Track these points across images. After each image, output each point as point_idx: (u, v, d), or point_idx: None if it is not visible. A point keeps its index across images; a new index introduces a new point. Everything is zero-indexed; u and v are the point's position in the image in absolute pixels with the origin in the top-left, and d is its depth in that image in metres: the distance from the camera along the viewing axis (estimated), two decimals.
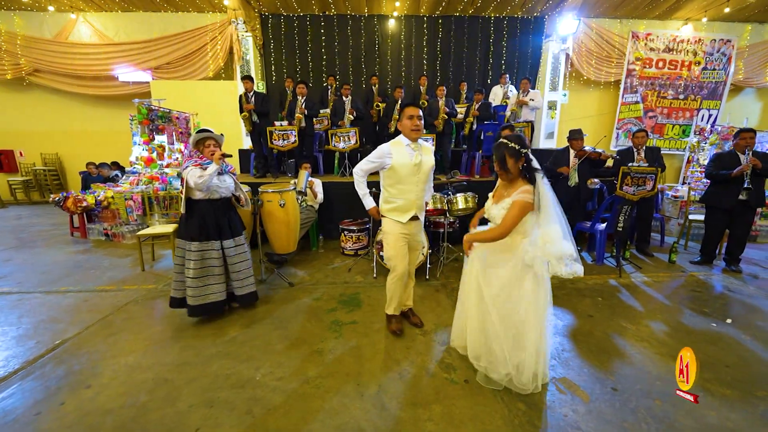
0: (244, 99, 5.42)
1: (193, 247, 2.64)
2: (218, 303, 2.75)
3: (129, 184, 5.44)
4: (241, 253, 2.84)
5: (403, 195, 2.38)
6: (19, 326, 2.76)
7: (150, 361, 2.30)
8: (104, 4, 7.59)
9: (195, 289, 2.65)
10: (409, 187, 2.37)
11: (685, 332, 2.66)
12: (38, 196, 8.76)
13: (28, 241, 5.18)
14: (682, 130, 8.29)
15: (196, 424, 1.77)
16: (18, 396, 1.99)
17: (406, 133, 2.35)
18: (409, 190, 2.37)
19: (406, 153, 2.33)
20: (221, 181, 2.72)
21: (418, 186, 2.39)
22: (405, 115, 2.32)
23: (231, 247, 2.76)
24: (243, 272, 2.85)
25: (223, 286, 2.77)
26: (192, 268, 2.63)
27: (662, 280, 3.68)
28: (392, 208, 2.41)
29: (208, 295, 2.71)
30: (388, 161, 2.32)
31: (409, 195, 2.38)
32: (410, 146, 2.35)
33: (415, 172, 2.35)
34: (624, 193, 3.86)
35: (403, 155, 2.33)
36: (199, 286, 2.66)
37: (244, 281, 2.86)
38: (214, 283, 2.72)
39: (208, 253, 2.69)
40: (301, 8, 7.72)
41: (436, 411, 1.84)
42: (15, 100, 8.31)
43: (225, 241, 2.74)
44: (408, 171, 2.33)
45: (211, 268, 2.70)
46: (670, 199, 5.66)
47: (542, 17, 8.12)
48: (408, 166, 2.32)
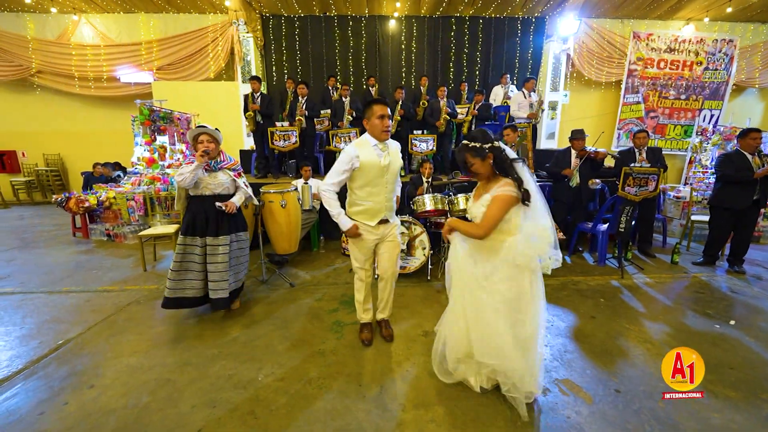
0: (250, 99, 5.43)
1: (179, 240, 2.67)
2: (192, 299, 2.73)
3: (131, 184, 5.45)
4: (221, 254, 2.68)
5: (371, 197, 2.24)
6: (23, 326, 2.76)
7: (152, 361, 2.30)
8: (106, 6, 7.61)
9: (173, 282, 2.67)
10: (378, 189, 2.23)
11: (688, 333, 2.65)
12: (40, 196, 8.78)
13: (31, 242, 5.20)
14: (684, 130, 8.27)
15: (199, 424, 1.77)
16: (22, 396, 1.99)
17: (375, 133, 2.17)
18: (378, 192, 2.24)
19: (375, 153, 2.18)
20: (211, 177, 2.70)
21: (387, 187, 2.26)
22: (375, 114, 2.13)
23: (212, 245, 2.68)
24: (217, 274, 2.68)
25: (201, 284, 2.73)
26: (174, 260, 2.67)
27: (665, 281, 3.67)
28: (360, 210, 2.26)
29: (184, 289, 2.70)
30: (356, 163, 2.16)
31: (378, 197, 2.25)
32: (378, 146, 2.19)
33: (383, 173, 2.22)
34: (626, 193, 3.85)
35: (371, 155, 2.17)
36: (176, 279, 2.67)
37: (218, 284, 2.68)
38: (192, 279, 2.71)
39: (191, 248, 2.69)
40: (301, 9, 7.73)
41: (438, 412, 1.84)
42: (18, 101, 8.35)
43: (208, 238, 2.68)
44: (377, 172, 2.19)
45: (191, 263, 2.70)
46: (672, 200, 5.64)
47: (543, 18, 8.12)
48: (377, 167, 2.18)
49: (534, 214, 1.74)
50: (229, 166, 2.81)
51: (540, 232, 1.72)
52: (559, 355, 2.35)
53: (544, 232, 1.72)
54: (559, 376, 2.14)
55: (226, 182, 2.77)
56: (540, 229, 1.72)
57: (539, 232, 1.72)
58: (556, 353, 2.38)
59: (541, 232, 1.72)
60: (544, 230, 1.72)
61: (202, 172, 2.66)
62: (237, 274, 2.88)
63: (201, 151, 2.58)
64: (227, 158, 2.84)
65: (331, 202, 2.20)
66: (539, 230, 1.72)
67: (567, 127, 7.78)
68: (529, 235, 1.72)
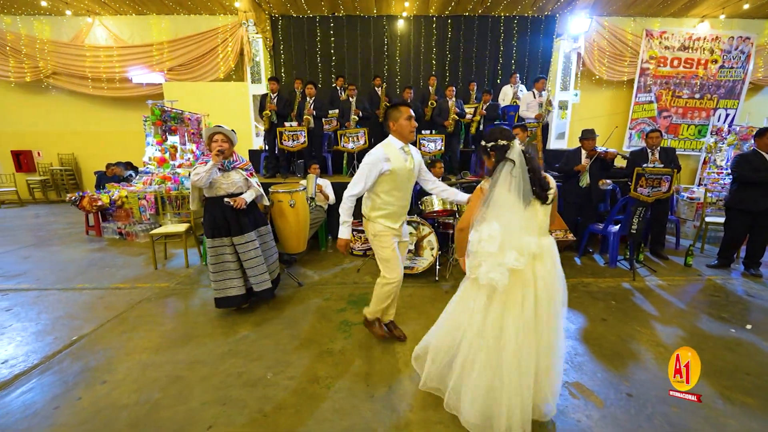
0: (268, 99, 5.48)
1: (208, 243, 2.76)
2: (237, 297, 2.82)
3: (142, 183, 5.54)
4: (252, 250, 2.82)
5: (397, 201, 2.22)
6: (38, 322, 2.83)
7: (163, 358, 2.33)
8: (119, 8, 7.74)
9: (216, 282, 2.81)
10: (404, 193, 2.24)
11: (703, 337, 2.59)
12: (55, 195, 8.97)
13: (46, 239, 5.31)
14: (698, 130, 8.10)
15: (209, 421, 1.79)
16: (37, 390, 2.04)
17: (403, 134, 2.15)
18: (403, 196, 2.24)
19: (401, 157, 2.15)
20: (225, 177, 2.74)
21: (410, 191, 2.30)
22: (403, 115, 2.12)
23: (241, 244, 2.79)
24: (256, 268, 2.85)
25: (241, 281, 2.83)
26: (211, 263, 2.78)
27: (678, 284, 3.60)
28: (385, 214, 2.22)
29: (228, 288, 2.81)
30: (387, 166, 2.10)
31: (403, 201, 2.25)
32: (403, 149, 2.18)
33: (410, 177, 2.23)
34: (638, 194, 3.78)
35: (399, 159, 2.14)
36: (219, 280, 2.80)
37: (259, 277, 2.86)
38: (232, 278, 2.80)
39: (221, 249, 2.77)
40: (310, 9, 7.77)
41: (446, 414, 1.82)
42: (34, 102, 8.54)
43: (234, 237, 2.77)
44: (405, 176, 2.18)
45: (226, 263, 2.79)
46: (685, 201, 5.53)
47: (553, 16, 8.03)
48: (405, 170, 2.17)
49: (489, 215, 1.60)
50: (241, 166, 2.86)
51: (479, 234, 1.59)
52: (569, 358, 2.32)
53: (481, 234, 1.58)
54: (569, 379, 2.11)
55: (239, 181, 2.82)
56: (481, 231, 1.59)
57: (478, 235, 1.60)
58: (566, 356, 2.34)
59: (479, 234, 1.59)
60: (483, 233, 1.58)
61: (216, 172, 2.71)
62: (271, 264, 3.01)
63: (216, 150, 2.63)
64: (239, 158, 2.89)
65: (348, 210, 2.16)
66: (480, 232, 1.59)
67: (577, 126, 7.69)
68: (477, 235, 1.61)
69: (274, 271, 3.07)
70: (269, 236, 3.08)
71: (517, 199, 1.59)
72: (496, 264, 1.55)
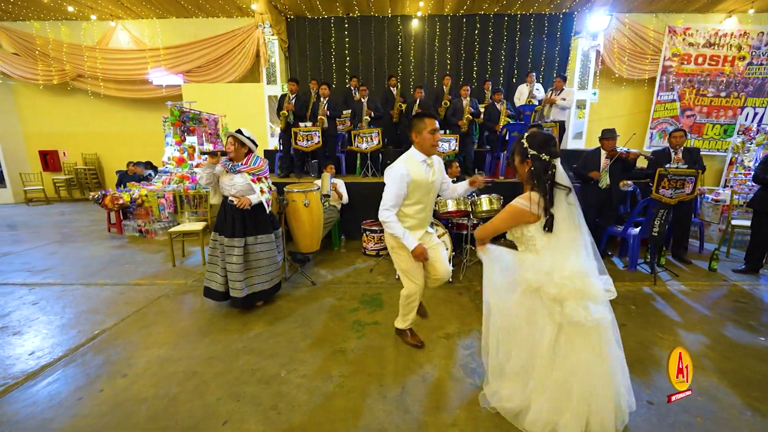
0: (286, 99, 5.55)
1: (212, 235, 2.89)
2: (216, 292, 2.89)
3: (161, 182, 5.69)
4: (235, 255, 2.77)
5: (419, 213, 2.19)
6: (63, 316, 2.93)
7: (180, 353, 2.38)
8: (141, 12, 7.97)
9: (207, 272, 2.95)
10: (425, 205, 2.20)
11: (729, 346, 2.49)
12: (79, 193, 9.31)
13: (70, 236, 5.51)
14: (724, 129, 7.78)
15: (224, 417, 1.82)
16: (62, 381, 2.11)
17: (425, 147, 2.09)
18: (424, 209, 2.20)
19: (423, 170, 2.10)
20: (229, 179, 2.80)
21: (431, 202, 2.25)
22: (427, 127, 2.05)
23: (226, 246, 2.80)
24: (232, 274, 2.79)
25: (223, 279, 2.86)
26: (208, 252, 2.92)
27: (702, 289, 3.47)
28: (406, 226, 2.18)
29: (210, 281, 2.91)
30: (407, 179, 2.08)
31: (424, 213, 2.22)
32: (425, 162, 2.12)
33: (430, 190, 2.19)
34: (660, 196, 3.66)
35: (420, 173, 2.09)
36: (208, 270, 2.95)
37: (234, 283, 2.79)
38: (216, 272, 2.89)
39: (215, 243, 2.89)
40: (325, 11, 7.82)
41: (460, 417, 1.81)
42: (60, 104, 8.88)
43: (226, 238, 2.80)
44: (425, 189, 2.14)
45: (215, 257, 2.89)
46: (710, 203, 5.33)
47: (571, 14, 7.86)
48: (425, 184, 2.12)
49: (558, 245, 1.58)
50: (248, 170, 2.79)
51: (560, 270, 1.54)
52: None
53: (563, 271, 1.53)
54: None
55: (240, 185, 2.79)
56: (560, 266, 1.55)
57: (560, 270, 1.54)
58: None
59: (560, 270, 1.54)
60: (572, 270, 1.53)
61: (224, 173, 2.80)
62: (261, 276, 2.92)
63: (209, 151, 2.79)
64: (250, 163, 2.83)
65: (394, 226, 2.11)
66: (560, 267, 1.54)
67: (595, 126, 7.52)
68: (548, 268, 1.57)
69: (263, 282, 2.93)
70: (271, 245, 2.97)
71: (574, 227, 1.59)
72: (581, 299, 1.52)
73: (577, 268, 1.53)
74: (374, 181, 5.24)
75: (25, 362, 2.30)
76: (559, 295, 1.54)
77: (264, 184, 2.91)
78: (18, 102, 8.91)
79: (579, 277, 1.52)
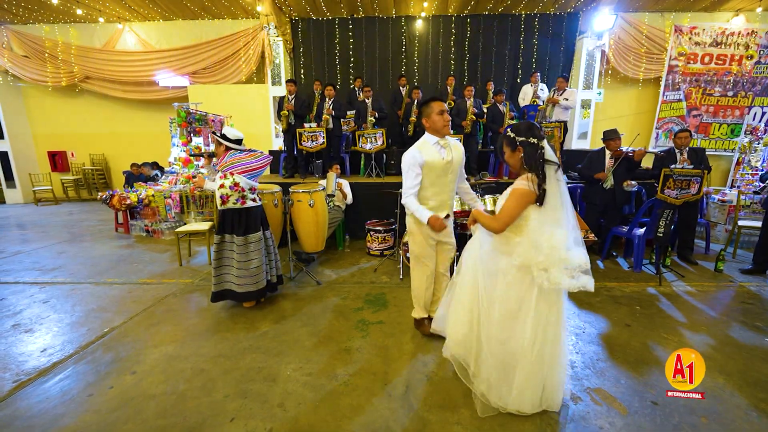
0: (285, 100, 5.59)
1: None
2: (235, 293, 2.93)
3: (168, 183, 5.75)
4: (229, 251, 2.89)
5: (436, 196, 2.28)
6: (73, 314, 2.99)
7: (188, 351, 2.42)
8: (147, 14, 8.07)
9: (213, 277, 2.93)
10: (442, 187, 2.28)
11: (735, 347, 2.48)
12: (87, 193, 9.43)
13: (79, 236, 5.59)
14: (731, 129, 7.71)
15: (231, 413, 1.85)
16: (73, 378, 2.15)
17: (437, 128, 2.19)
18: (441, 191, 2.28)
19: (436, 151, 2.21)
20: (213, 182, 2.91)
21: (450, 185, 2.31)
22: (434, 110, 2.17)
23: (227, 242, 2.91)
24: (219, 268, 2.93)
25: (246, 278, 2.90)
26: None
27: (708, 290, 3.45)
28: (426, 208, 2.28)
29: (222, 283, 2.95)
30: (421, 160, 2.19)
31: (442, 195, 2.29)
32: (438, 143, 2.22)
33: (446, 171, 2.25)
34: (665, 196, 3.65)
35: (433, 154, 2.20)
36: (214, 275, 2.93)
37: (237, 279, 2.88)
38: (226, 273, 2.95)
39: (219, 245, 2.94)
40: (330, 11, 7.86)
41: (464, 415, 1.82)
42: (68, 105, 9.01)
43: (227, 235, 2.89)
44: (440, 171, 2.22)
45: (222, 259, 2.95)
46: (716, 204, 5.29)
47: (576, 13, 7.84)
48: (440, 165, 2.21)
49: (545, 217, 1.64)
50: (219, 167, 2.86)
51: (547, 239, 1.59)
52: (591, 363, 2.27)
53: (551, 240, 1.59)
54: (591, 385, 2.06)
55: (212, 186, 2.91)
56: (547, 236, 1.60)
57: (547, 240, 1.59)
58: (588, 361, 2.29)
59: (548, 239, 1.59)
60: (552, 239, 1.59)
61: None
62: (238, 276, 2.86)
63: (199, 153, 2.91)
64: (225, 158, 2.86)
65: (411, 202, 2.22)
66: (546, 237, 1.60)
67: (600, 126, 7.49)
68: (535, 240, 1.63)
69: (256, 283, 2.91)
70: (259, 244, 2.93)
71: (560, 202, 1.66)
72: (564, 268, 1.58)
73: (562, 239, 1.59)
74: (378, 182, 5.26)
75: (37, 359, 2.35)
76: (545, 262, 1.60)
77: (228, 180, 2.79)
78: (27, 104, 9.06)
79: (564, 248, 1.58)
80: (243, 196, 2.84)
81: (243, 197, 2.84)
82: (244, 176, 2.83)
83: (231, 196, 2.81)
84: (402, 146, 6.42)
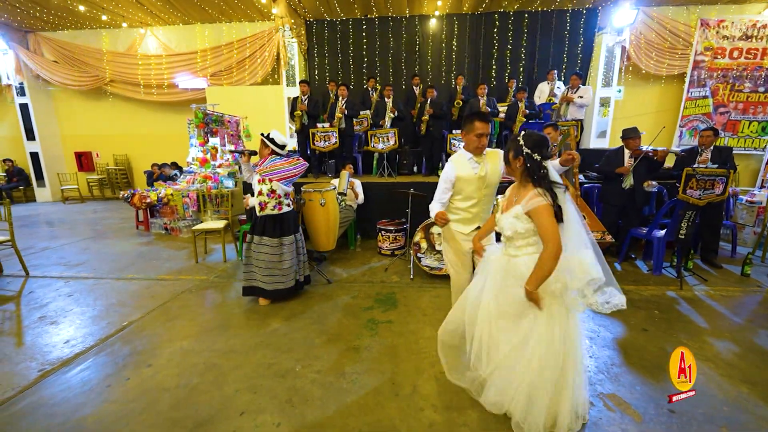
0: (299, 100, 5.67)
1: None
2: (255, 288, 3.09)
3: (186, 182, 5.91)
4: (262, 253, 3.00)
5: (471, 208, 2.25)
6: (95, 308, 3.11)
7: (201, 346, 2.48)
8: (168, 18, 8.31)
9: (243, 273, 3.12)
10: (477, 200, 2.23)
11: (761, 354, 2.36)
12: (110, 192, 9.80)
13: (102, 233, 5.82)
14: (762, 127, 7.33)
15: (241, 407, 1.89)
16: (93, 369, 2.25)
17: (470, 148, 2.19)
18: (476, 204, 2.23)
19: (470, 166, 2.18)
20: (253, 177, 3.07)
21: (486, 199, 2.25)
22: (474, 130, 2.10)
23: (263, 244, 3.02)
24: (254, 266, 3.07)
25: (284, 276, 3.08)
26: None
27: (733, 295, 3.30)
28: (456, 219, 2.28)
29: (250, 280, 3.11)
30: (453, 176, 2.19)
31: (476, 208, 2.25)
32: (473, 159, 2.18)
33: (480, 186, 2.19)
34: (688, 197, 3.51)
35: (466, 168, 2.18)
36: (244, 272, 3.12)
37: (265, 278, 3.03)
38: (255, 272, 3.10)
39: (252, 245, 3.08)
40: (344, 12, 7.91)
41: (471, 417, 1.80)
42: (94, 108, 9.38)
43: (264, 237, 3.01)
44: (474, 185, 2.19)
45: None
46: (744, 205, 5.05)
47: (595, 9, 7.61)
48: (473, 179, 2.17)
49: (567, 240, 1.59)
50: (258, 171, 2.97)
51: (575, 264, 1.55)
52: (606, 368, 2.21)
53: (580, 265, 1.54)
54: (604, 390, 2.00)
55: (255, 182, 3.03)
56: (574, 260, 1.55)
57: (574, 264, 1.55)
58: (602, 366, 2.23)
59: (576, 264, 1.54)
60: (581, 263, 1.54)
61: None
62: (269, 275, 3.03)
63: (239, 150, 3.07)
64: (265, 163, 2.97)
65: (430, 208, 2.24)
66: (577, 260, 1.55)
67: (620, 124, 7.24)
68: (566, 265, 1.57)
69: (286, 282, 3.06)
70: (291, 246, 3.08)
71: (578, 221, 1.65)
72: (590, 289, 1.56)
73: (591, 261, 1.55)
74: (390, 182, 5.26)
75: (61, 350, 2.46)
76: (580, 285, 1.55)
77: (266, 186, 2.92)
78: (56, 106, 9.48)
79: (595, 269, 1.54)
80: (279, 202, 2.98)
81: (279, 203, 2.98)
82: (282, 183, 2.95)
83: (269, 203, 2.95)
84: (415, 146, 6.40)
